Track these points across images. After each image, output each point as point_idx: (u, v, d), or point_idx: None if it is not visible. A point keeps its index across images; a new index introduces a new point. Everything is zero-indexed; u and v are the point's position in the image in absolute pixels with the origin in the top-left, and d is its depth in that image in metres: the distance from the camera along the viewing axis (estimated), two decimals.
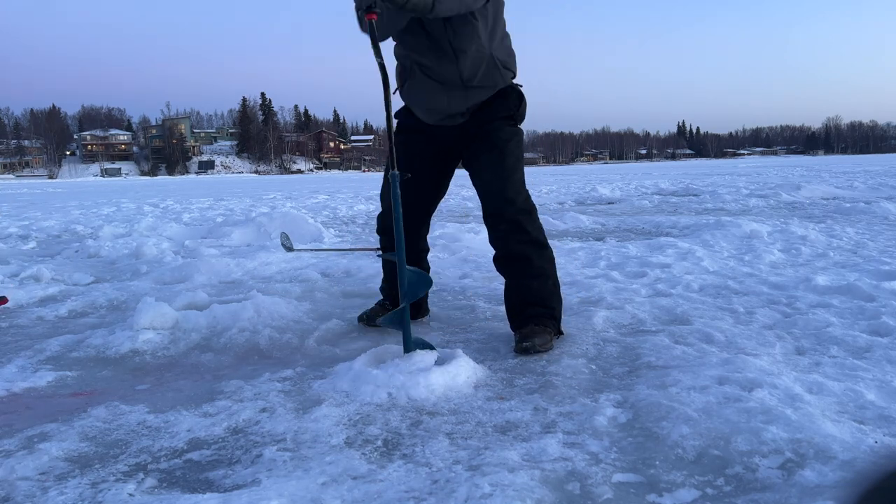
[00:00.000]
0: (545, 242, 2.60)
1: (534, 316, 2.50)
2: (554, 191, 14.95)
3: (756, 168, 32.36)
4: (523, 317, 2.51)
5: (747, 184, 14.69)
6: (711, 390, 1.88)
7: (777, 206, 8.73)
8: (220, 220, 8.94)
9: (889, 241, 4.95)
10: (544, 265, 2.57)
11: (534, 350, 2.38)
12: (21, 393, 2.19)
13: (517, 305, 2.55)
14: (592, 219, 7.63)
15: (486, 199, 2.56)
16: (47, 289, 3.99)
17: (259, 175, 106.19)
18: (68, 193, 26.13)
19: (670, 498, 1.38)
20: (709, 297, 3.21)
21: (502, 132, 2.56)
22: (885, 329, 2.49)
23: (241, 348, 2.63)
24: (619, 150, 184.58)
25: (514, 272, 2.57)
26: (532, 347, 2.38)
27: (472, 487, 1.39)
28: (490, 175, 2.54)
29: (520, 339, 2.42)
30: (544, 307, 2.53)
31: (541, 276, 2.55)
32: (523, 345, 2.39)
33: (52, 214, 11.53)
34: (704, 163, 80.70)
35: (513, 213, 2.51)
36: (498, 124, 2.57)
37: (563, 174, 35.98)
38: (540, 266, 2.55)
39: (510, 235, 2.53)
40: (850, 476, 1.40)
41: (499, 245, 2.59)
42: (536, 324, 2.47)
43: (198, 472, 1.57)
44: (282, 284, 3.92)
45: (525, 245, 2.53)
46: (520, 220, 2.52)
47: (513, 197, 2.51)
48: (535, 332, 2.44)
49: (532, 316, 2.50)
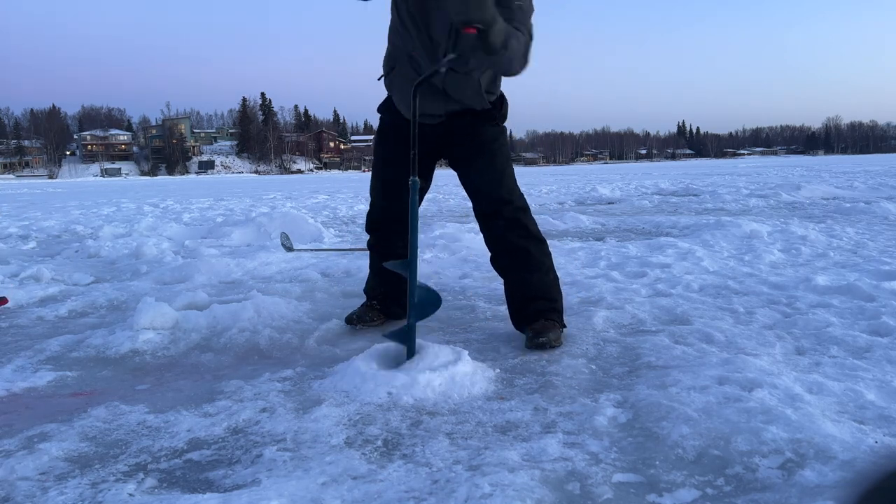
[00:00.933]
0: (543, 238, 2.64)
1: (542, 311, 2.52)
2: (554, 191, 14.95)
3: (756, 168, 32.36)
4: (530, 311, 2.53)
5: (747, 184, 14.69)
6: (711, 390, 1.88)
7: (777, 206, 8.73)
8: (220, 220, 8.94)
9: (889, 241, 4.95)
10: (544, 259, 2.60)
11: (549, 346, 2.40)
12: (21, 393, 2.19)
13: (522, 300, 2.57)
14: (592, 219, 7.63)
15: (481, 199, 2.59)
16: (47, 289, 3.99)
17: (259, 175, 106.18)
18: (68, 193, 26.13)
19: (670, 498, 1.38)
20: (709, 297, 3.21)
21: (487, 133, 2.58)
22: (885, 329, 2.49)
23: (241, 348, 2.63)
24: (619, 150, 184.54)
25: (515, 266, 2.58)
26: (548, 343, 2.40)
27: (472, 487, 1.39)
28: (482, 176, 2.57)
29: (533, 336, 2.44)
30: (548, 300, 2.55)
31: (541, 270, 2.58)
32: (539, 340, 2.41)
33: (52, 214, 11.54)
34: (704, 163, 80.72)
35: (511, 212, 2.55)
36: (482, 126, 2.58)
37: (563, 174, 35.99)
38: (540, 260, 2.58)
39: (509, 232, 2.55)
40: (850, 476, 1.40)
41: (497, 242, 2.61)
42: (546, 318, 2.50)
43: (198, 472, 1.57)
44: (282, 284, 3.92)
45: (525, 240, 2.56)
46: (518, 217, 2.56)
47: (508, 197, 2.55)
48: (546, 326, 2.46)
49: (540, 311, 2.52)
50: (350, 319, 2.88)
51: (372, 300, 2.92)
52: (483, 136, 2.58)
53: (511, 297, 2.62)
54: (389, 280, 2.82)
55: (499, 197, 2.54)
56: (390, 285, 2.84)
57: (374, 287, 2.92)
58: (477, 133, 2.58)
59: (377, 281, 2.89)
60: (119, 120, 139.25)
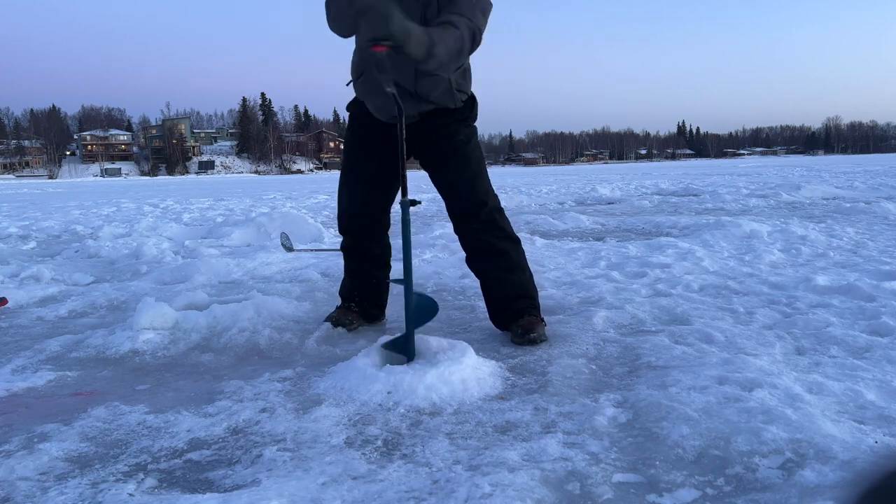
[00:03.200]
0: (517, 237, 2.71)
1: (525, 308, 2.59)
2: (554, 191, 14.95)
3: (756, 168, 32.36)
4: (514, 310, 2.59)
5: (747, 184, 14.69)
6: (711, 390, 1.88)
7: (777, 206, 8.73)
8: (220, 220, 8.94)
9: (889, 241, 4.95)
10: (521, 259, 2.68)
11: (539, 340, 2.48)
12: (21, 393, 2.18)
13: (505, 300, 2.62)
14: (592, 219, 7.63)
15: (457, 202, 2.62)
16: (47, 289, 3.99)
17: (259, 175, 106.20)
18: (68, 193, 26.13)
19: (670, 498, 1.38)
20: (709, 297, 3.21)
21: (460, 134, 2.60)
22: (885, 329, 2.49)
23: (241, 348, 2.63)
24: (619, 150, 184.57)
25: (495, 267, 2.63)
26: (538, 338, 2.48)
27: (472, 487, 1.39)
28: (457, 179, 2.59)
29: (523, 332, 2.50)
30: (529, 298, 2.64)
31: (520, 269, 2.66)
32: (530, 336, 2.48)
33: (52, 214, 11.53)
34: (704, 163, 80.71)
35: (487, 213, 2.60)
36: (454, 126, 2.59)
37: (563, 174, 35.98)
38: (517, 260, 2.66)
39: (486, 233, 2.60)
40: (850, 476, 1.40)
41: (474, 244, 2.65)
42: (530, 315, 2.58)
43: (198, 472, 1.57)
44: (282, 284, 3.92)
45: (504, 241, 2.63)
46: (495, 218, 2.61)
47: (484, 199, 2.60)
48: (532, 322, 2.53)
49: (523, 308, 2.59)
50: (332, 323, 2.82)
51: (349, 302, 2.88)
52: (457, 137, 2.59)
53: (492, 296, 2.66)
54: (366, 283, 2.85)
55: (475, 199, 2.58)
56: (367, 289, 2.86)
57: (351, 289, 2.88)
58: (450, 134, 2.58)
59: (354, 283, 2.87)
60: (119, 120, 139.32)
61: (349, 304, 2.87)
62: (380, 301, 2.92)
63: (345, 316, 2.84)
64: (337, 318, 2.84)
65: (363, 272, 2.85)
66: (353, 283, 2.87)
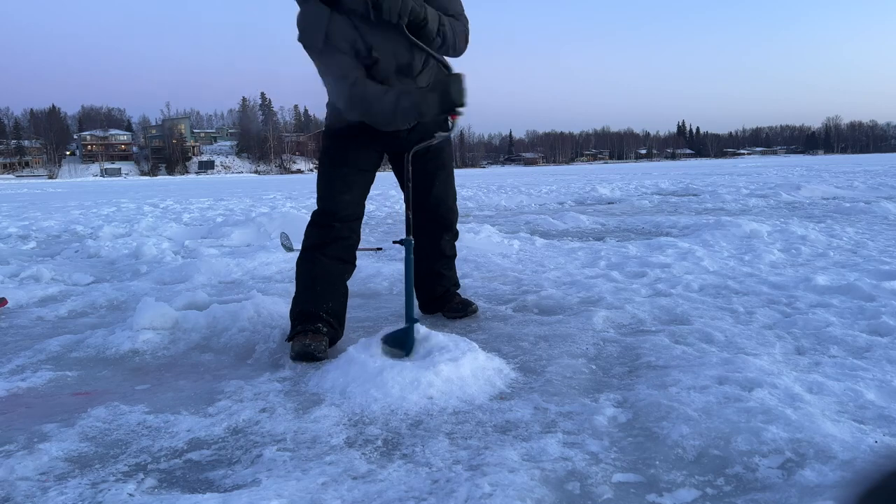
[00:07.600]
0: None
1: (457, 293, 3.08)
2: (554, 191, 14.95)
3: (756, 168, 32.36)
4: (451, 294, 3.03)
5: (747, 183, 14.69)
6: (711, 390, 1.88)
7: (777, 206, 8.73)
8: (219, 220, 8.94)
9: (889, 240, 4.95)
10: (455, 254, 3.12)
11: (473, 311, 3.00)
12: (21, 393, 2.18)
13: (447, 291, 3.02)
14: (592, 219, 7.63)
15: (436, 214, 2.83)
16: (47, 289, 3.99)
17: (259, 175, 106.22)
18: (68, 193, 26.13)
19: (670, 498, 1.38)
20: (709, 296, 3.21)
21: (447, 149, 2.83)
22: (885, 329, 2.49)
23: (241, 348, 2.63)
24: (619, 150, 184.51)
25: (442, 266, 2.98)
26: (473, 310, 3.00)
27: (472, 487, 1.39)
28: (442, 194, 2.83)
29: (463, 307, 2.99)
30: (457, 285, 3.13)
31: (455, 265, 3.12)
32: (473, 307, 3.01)
33: (51, 214, 11.53)
34: (704, 163, 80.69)
35: (455, 224, 2.96)
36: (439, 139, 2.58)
37: (562, 174, 35.97)
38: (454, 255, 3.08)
39: (449, 241, 2.98)
40: (850, 476, 1.40)
41: (437, 248, 2.92)
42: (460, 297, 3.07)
43: (198, 472, 1.57)
44: (282, 284, 3.92)
45: (455, 248, 3.05)
46: (457, 229, 3.02)
47: (455, 207, 2.94)
48: (467, 301, 3.04)
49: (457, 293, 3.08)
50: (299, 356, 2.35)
51: (316, 323, 2.46)
52: (445, 152, 2.81)
53: (433, 288, 2.99)
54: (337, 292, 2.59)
55: (454, 214, 2.92)
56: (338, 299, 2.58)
57: (318, 302, 2.49)
58: (441, 147, 2.76)
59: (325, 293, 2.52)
60: (119, 120, 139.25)
61: (317, 325, 2.45)
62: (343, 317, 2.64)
63: (317, 343, 2.36)
64: (306, 345, 2.34)
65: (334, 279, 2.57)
66: (324, 292, 2.51)
